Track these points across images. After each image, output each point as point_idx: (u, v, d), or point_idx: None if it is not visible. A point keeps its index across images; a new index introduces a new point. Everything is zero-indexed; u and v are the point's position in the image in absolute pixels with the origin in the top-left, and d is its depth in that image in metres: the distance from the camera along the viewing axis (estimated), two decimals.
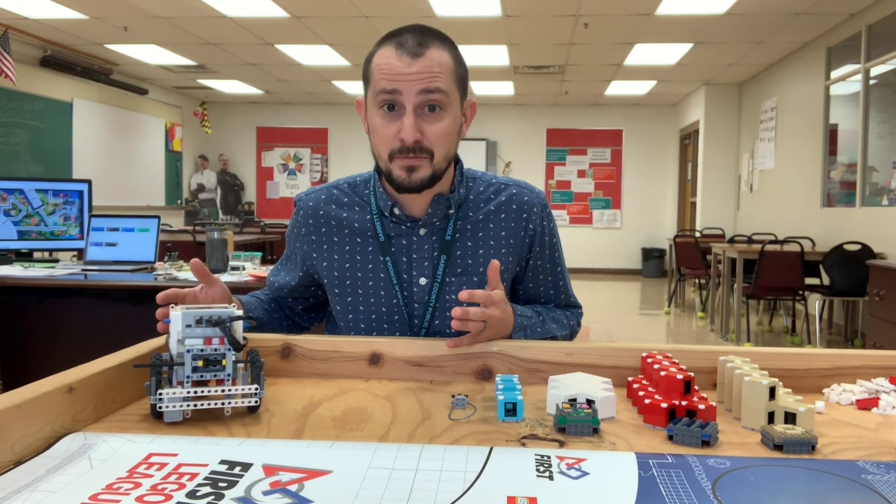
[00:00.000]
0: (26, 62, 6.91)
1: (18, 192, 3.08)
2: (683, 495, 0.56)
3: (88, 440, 0.68)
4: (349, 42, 6.99)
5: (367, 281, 1.17)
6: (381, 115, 1.06)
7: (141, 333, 1.02)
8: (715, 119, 8.77)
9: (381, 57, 1.06)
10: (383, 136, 1.07)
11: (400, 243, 1.16)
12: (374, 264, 1.16)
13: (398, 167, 1.07)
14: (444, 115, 1.06)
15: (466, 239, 1.17)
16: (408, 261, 1.16)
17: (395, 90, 1.03)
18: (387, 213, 1.15)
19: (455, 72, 1.08)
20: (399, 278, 1.16)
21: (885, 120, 5.50)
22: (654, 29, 6.28)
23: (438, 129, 1.06)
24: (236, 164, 11.11)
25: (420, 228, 1.16)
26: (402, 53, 1.04)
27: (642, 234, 10.65)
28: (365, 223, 1.18)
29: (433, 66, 1.04)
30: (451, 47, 1.09)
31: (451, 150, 1.11)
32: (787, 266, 5.11)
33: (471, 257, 1.17)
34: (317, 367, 0.99)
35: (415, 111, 1.04)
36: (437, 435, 0.74)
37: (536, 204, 1.22)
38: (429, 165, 1.07)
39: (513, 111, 10.71)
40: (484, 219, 1.18)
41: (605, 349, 0.97)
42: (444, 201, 1.15)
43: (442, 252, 1.16)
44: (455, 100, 1.08)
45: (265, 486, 0.58)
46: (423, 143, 1.05)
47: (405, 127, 1.04)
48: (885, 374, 0.92)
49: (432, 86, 1.03)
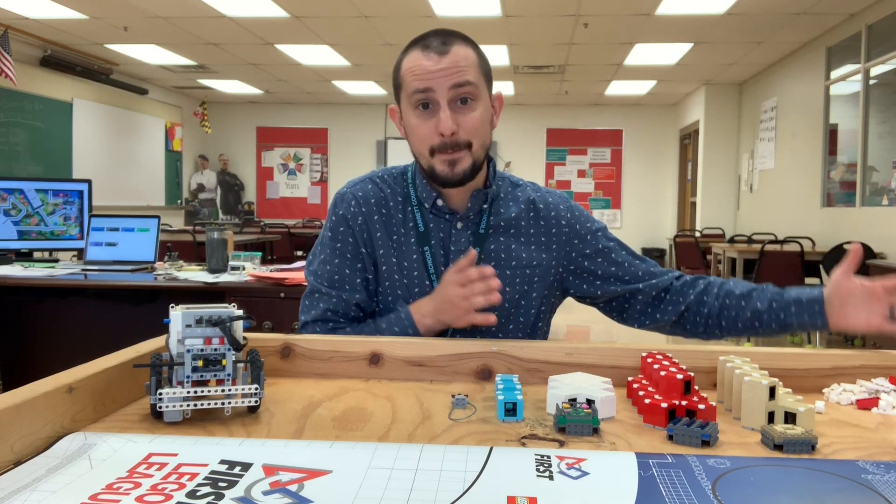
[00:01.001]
0: (26, 62, 6.91)
1: (18, 192, 3.08)
2: (683, 495, 0.56)
3: (88, 440, 0.68)
4: (349, 42, 6.99)
5: (403, 270, 1.19)
6: (417, 114, 1.12)
7: (141, 333, 1.02)
8: (715, 119, 8.77)
9: (409, 61, 1.12)
10: (421, 135, 1.12)
11: (438, 235, 1.20)
12: (413, 253, 1.19)
13: (440, 162, 1.12)
14: (476, 106, 1.12)
15: (499, 234, 1.21)
16: (444, 253, 1.19)
17: (427, 88, 1.09)
18: (428, 204, 1.19)
19: (480, 66, 1.14)
20: (436, 269, 1.18)
21: (885, 120, 5.50)
22: (654, 29, 6.28)
23: (473, 119, 1.11)
24: (236, 164, 11.11)
25: (458, 222, 1.19)
26: (429, 53, 1.10)
27: (642, 234, 10.65)
28: (406, 213, 1.21)
29: (460, 61, 1.10)
30: (473, 45, 1.15)
31: (487, 139, 1.16)
32: (787, 266, 5.11)
33: (504, 251, 1.20)
34: (317, 367, 0.99)
35: (449, 105, 1.09)
36: (437, 435, 0.74)
37: (562, 201, 1.27)
38: (469, 156, 1.12)
39: (513, 111, 10.71)
40: (515, 216, 1.22)
41: (605, 349, 0.97)
42: (482, 195, 1.19)
43: (476, 244, 1.19)
44: (484, 92, 1.14)
45: (265, 486, 0.58)
46: (460, 137, 1.11)
47: (442, 121, 1.09)
48: (885, 374, 0.92)
49: (462, 79, 1.09)
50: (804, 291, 1.12)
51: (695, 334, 1.23)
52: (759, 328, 1.15)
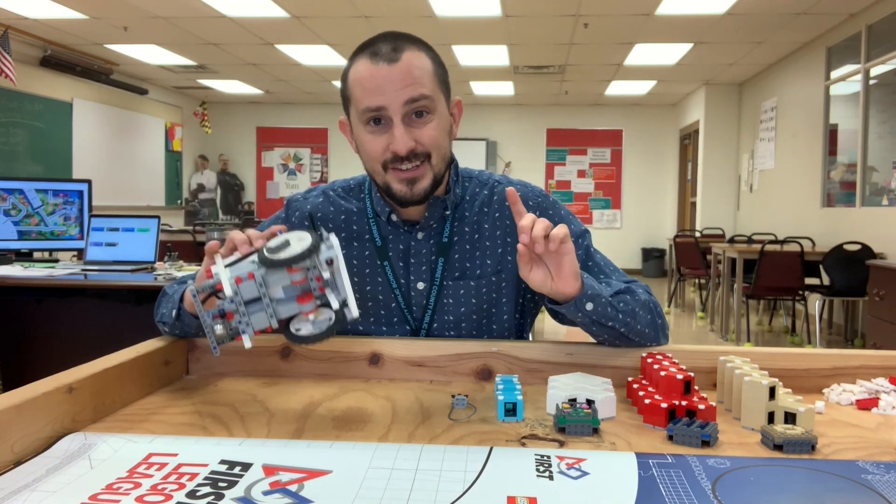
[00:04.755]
0: (26, 62, 6.91)
1: (18, 192, 3.08)
2: (683, 495, 0.56)
3: (88, 440, 0.68)
4: (349, 42, 6.99)
5: (365, 285, 1.14)
6: (369, 130, 1.03)
7: (141, 333, 1.02)
8: (715, 119, 8.77)
9: (357, 71, 1.02)
10: (373, 151, 1.03)
11: (397, 247, 1.13)
12: (371, 268, 1.14)
13: (397, 181, 1.03)
14: (432, 118, 1.03)
15: (464, 241, 1.14)
16: (405, 265, 1.13)
17: (379, 107, 1.00)
18: (384, 218, 1.13)
19: (435, 73, 1.04)
20: (398, 282, 1.13)
21: (885, 120, 5.50)
22: (654, 29, 6.28)
23: (430, 132, 1.02)
24: (236, 164, 11.11)
25: (417, 232, 1.13)
26: (378, 62, 0.99)
27: (642, 234, 10.65)
28: (362, 227, 1.15)
29: (413, 71, 1.00)
30: (426, 49, 1.05)
31: (446, 151, 1.08)
32: (787, 266, 5.11)
33: (468, 260, 1.13)
34: (317, 367, 0.99)
35: (403, 120, 1.00)
36: (437, 435, 0.74)
37: (531, 196, 1.17)
38: (429, 171, 1.04)
39: (513, 111, 10.70)
40: (478, 220, 1.15)
41: (605, 349, 0.97)
42: (441, 203, 1.12)
43: (439, 255, 1.13)
44: (441, 102, 1.05)
45: (265, 486, 0.58)
46: (419, 149, 1.02)
47: (396, 139, 1.00)
48: (885, 374, 0.92)
49: (416, 94, 0.99)
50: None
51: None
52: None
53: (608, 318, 0.95)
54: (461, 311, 1.12)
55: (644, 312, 1.01)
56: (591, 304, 0.94)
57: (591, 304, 0.94)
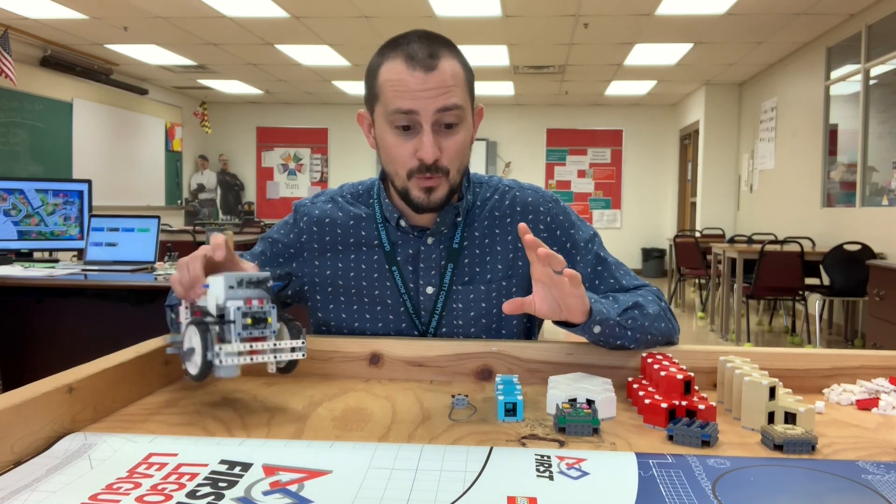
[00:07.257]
0: (26, 62, 6.91)
1: (18, 192, 3.08)
2: (683, 495, 0.56)
3: (88, 440, 0.68)
4: (349, 42, 6.99)
5: (374, 290, 1.14)
6: (396, 133, 1.03)
7: (141, 333, 1.02)
8: (715, 119, 8.77)
9: (390, 72, 1.01)
10: (399, 156, 1.03)
11: (406, 252, 1.13)
12: (380, 273, 1.14)
13: (416, 188, 1.04)
14: (459, 130, 1.03)
15: (474, 247, 1.14)
16: (414, 269, 1.13)
17: (411, 110, 0.99)
18: (393, 223, 1.13)
19: (466, 80, 1.05)
20: (406, 287, 1.13)
21: (885, 120, 5.50)
22: (654, 29, 6.28)
23: (455, 145, 1.03)
24: (236, 164, 11.11)
25: (428, 237, 1.13)
26: (415, 68, 0.99)
27: (642, 234, 10.65)
28: (370, 232, 1.15)
29: (447, 80, 1.00)
30: (458, 54, 1.05)
31: (466, 162, 1.09)
32: (787, 266, 5.11)
33: (478, 265, 1.13)
34: (317, 367, 0.99)
35: (432, 128, 1.00)
36: (437, 435, 0.74)
37: (542, 203, 1.17)
38: (446, 183, 1.04)
39: (513, 111, 10.71)
40: (490, 225, 1.15)
41: (605, 349, 0.97)
42: (453, 209, 1.12)
43: (449, 260, 1.13)
44: (468, 111, 1.06)
45: (265, 486, 0.58)
46: (440, 163, 1.02)
47: (425, 146, 1.00)
48: (885, 375, 0.92)
49: (449, 103, 1.00)
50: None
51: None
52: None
53: (616, 337, 0.96)
54: (470, 315, 1.12)
55: (653, 323, 1.01)
56: (598, 327, 0.94)
57: (599, 327, 0.94)
